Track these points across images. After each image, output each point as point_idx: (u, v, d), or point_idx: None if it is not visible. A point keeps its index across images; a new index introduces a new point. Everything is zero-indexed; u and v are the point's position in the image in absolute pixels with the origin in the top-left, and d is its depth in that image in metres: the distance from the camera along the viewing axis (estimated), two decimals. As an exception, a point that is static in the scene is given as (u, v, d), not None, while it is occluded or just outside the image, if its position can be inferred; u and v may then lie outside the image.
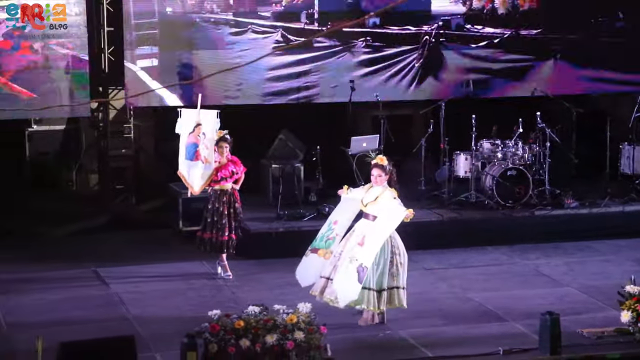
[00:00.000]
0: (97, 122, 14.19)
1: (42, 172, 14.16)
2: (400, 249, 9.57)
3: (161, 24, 13.90)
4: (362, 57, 14.56)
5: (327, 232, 9.67)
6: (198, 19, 14.04)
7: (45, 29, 12.89)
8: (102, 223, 13.46)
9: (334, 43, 14.47)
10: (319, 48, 14.44)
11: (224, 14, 14.13)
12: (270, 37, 14.25)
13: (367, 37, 14.55)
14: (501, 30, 14.93)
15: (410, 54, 14.68)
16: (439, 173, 13.92)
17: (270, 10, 14.29)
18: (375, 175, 9.57)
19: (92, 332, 9.19)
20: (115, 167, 14.07)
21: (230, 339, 8.47)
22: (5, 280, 11.00)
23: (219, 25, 14.14)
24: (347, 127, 14.04)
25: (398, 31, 14.69)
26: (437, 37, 14.74)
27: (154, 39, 13.90)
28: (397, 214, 9.33)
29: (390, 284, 9.46)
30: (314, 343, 8.61)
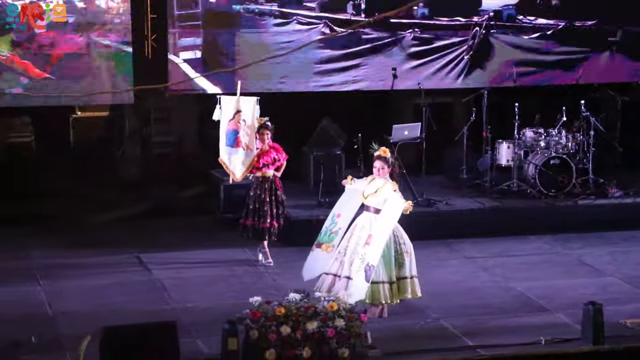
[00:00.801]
0: (140, 109, 14.28)
1: (85, 158, 14.29)
2: (404, 238, 9.52)
3: (204, 15, 13.75)
4: (410, 49, 14.23)
5: (331, 226, 9.62)
6: (242, 10, 13.87)
7: (87, 17, 13.03)
8: (145, 209, 13.56)
9: (381, 35, 14.17)
10: (366, 40, 14.14)
11: (268, 5, 13.96)
12: (315, 29, 14.04)
13: (415, 28, 14.25)
14: (555, 21, 14.53)
15: (460, 46, 14.35)
16: (481, 161, 13.84)
17: (316, 1, 14.06)
18: (377, 167, 9.49)
19: (135, 317, 9.27)
20: (158, 154, 14.16)
21: (271, 326, 8.50)
22: (49, 266, 11.13)
23: (263, 16, 13.94)
24: (388, 114, 14.00)
25: (447, 22, 14.36)
26: (488, 28, 14.39)
27: (197, 30, 13.79)
28: (397, 207, 9.26)
29: (398, 275, 9.41)
30: (355, 331, 8.62)
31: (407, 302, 9.92)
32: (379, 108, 14.28)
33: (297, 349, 8.48)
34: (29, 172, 13.85)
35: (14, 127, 14.02)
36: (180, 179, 14.22)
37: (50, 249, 11.79)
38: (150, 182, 14.16)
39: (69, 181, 13.79)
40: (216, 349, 8.46)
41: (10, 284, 10.53)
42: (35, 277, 10.78)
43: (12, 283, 10.55)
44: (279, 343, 8.46)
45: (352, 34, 14.03)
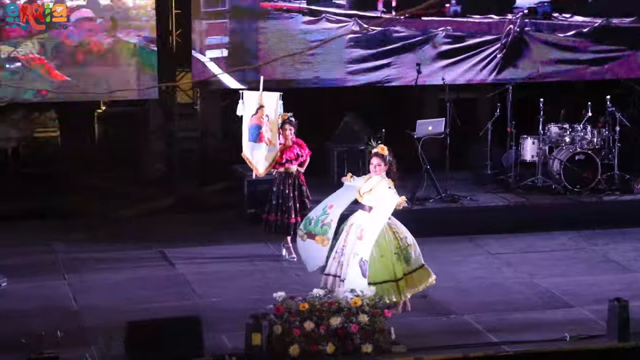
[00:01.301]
0: (164, 104, 14.33)
1: (110, 153, 14.36)
2: (404, 232, 9.44)
3: (232, 12, 13.60)
4: (442, 47, 14.02)
5: (322, 217, 9.52)
6: (270, 7, 13.71)
7: (112, 14, 13.09)
8: (169, 204, 13.61)
9: (413, 33, 13.97)
10: (398, 39, 13.93)
11: (297, 2, 13.76)
12: (345, 27, 13.81)
13: (447, 26, 14.02)
14: (591, 18, 14.22)
15: (493, 44, 14.10)
16: (506, 157, 13.78)
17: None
18: (374, 164, 9.41)
19: (159, 312, 9.31)
20: (182, 149, 14.19)
21: (295, 321, 8.50)
22: (74, 260, 11.19)
23: (291, 14, 13.76)
24: (412, 110, 13.96)
25: (480, 20, 14.11)
26: (522, 26, 14.12)
27: (224, 28, 13.65)
28: (389, 202, 9.21)
29: (406, 269, 9.33)
30: (378, 326, 8.61)
31: (431, 298, 9.91)
32: (402, 103, 14.24)
33: (321, 344, 8.49)
34: (53, 167, 13.94)
35: (39, 122, 14.11)
36: (204, 174, 14.25)
37: (75, 243, 11.85)
38: (174, 177, 14.20)
39: (93, 176, 13.87)
40: (240, 344, 8.47)
41: (36, 277, 10.59)
42: (60, 271, 10.84)
43: (38, 277, 10.61)
44: (303, 338, 8.46)
45: (383, 33, 13.80)
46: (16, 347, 8.19)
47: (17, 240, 11.85)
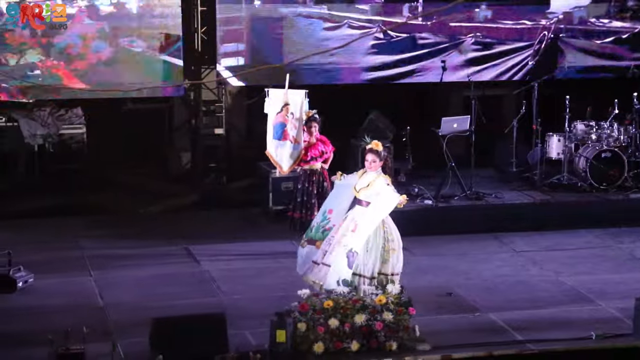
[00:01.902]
0: (189, 101, 14.38)
1: (135, 149, 14.43)
2: (393, 234, 9.25)
3: (248, 18, 13.22)
4: (470, 54, 13.62)
5: (323, 222, 9.40)
6: (289, 13, 13.35)
7: (137, 10, 13.18)
8: (194, 201, 13.65)
9: (440, 40, 13.57)
10: (423, 45, 13.52)
11: (317, 8, 13.35)
12: (368, 33, 13.40)
13: (476, 32, 13.56)
14: (631, 23, 13.71)
15: (524, 50, 13.70)
16: (531, 155, 13.72)
17: (369, 4, 13.41)
18: (369, 160, 9.27)
19: (183, 309, 9.35)
20: (207, 146, 14.23)
21: (319, 319, 8.51)
22: (99, 257, 11.24)
23: (311, 20, 13.35)
24: (437, 107, 13.92)
25: (512, 26, 13.61)
26: (557, 32, 13.63)
27: (240, 34, 13.25)
28: (390, 200, 9.10)
29: (380, 270, 9.18)
30: (403, 324, 8.60)
31: (456, 296, 9.89)
32: (427, 101, 14.21)
33: (345, 342, 8.49)
34: (80, 164, 14.02)
35: (66, 119, 14.19)
36: (229, 171, 14.29)
37: (100, 240, 11.91)
38: (198, 174, 14.25)
39: (119, 173, 13.93)
40: (264, 341, 8.49)
41: (62, 274, 10.65)
42: (86, 267, 10.90)
43: (64, 273, 10.67)
44: (327, 336, 8.46)
45: (407, 39, 13.36)
46: (43, 342, 8.24)
47: (44, 236, 11.93)
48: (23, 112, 13.95)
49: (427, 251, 11.61)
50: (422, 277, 10.62)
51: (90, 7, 12.99)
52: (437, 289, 10.16)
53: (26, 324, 9.18)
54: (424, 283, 10.35)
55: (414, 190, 12.73)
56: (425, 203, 12.51)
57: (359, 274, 9.09)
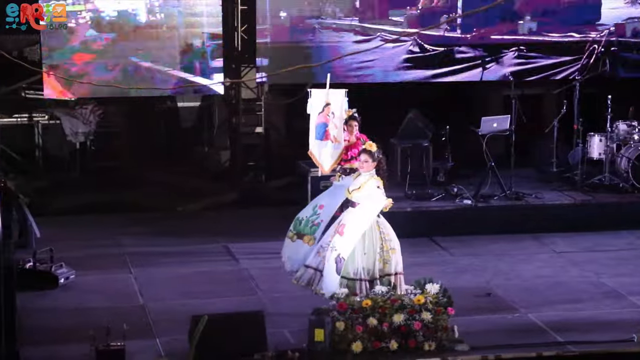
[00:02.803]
0: (229, 99, 14.43)
1: (175, 148, 14.51)
2: (390, 235, 9.23)
3: (274, 31, 12.85)
4: (511, 68, 13.09)
5: (312, 217, 9.42)
6: (317, 25, 12.97)
7: (179, 10, 13.25)
8: (233, 199, 13.70)
9: (480, 54, 13.15)
10: (461, 60, 13.09)
11: (348, 19, 12.88)
12: (402, 46, 12.97)
13: (520, 46, 13.08)
14: None
15: (571, 65, 13.16)
16: (572, 154, 13.61)
17: (404, 15, 12.96)
18: (362, 160, 9.25)
19: (223, 306, 9.39)
20: (246, 144, 14.28)
21: (358, 318, 8.51)
22: (139, 254, 11.32)
23: (341, 32, 12.86)
24: (477, 106, 13.84)
25: (558, 39, 12.98)
26: (607, 45, 12.99)
27: (264, 48, 12.89)
28: (376, 204, 9.06)
29: (382, 272, 9.13)
30: (441, 324, 8.57)
31: (495, 296, 9.84)
32: (467, 100, 14.13)
33: (384, 341, 8.48)
34: (120, 162, 14.12)
35: (106, 116, 14.30)
36: (268, 169, 14.32)
37: (140, 237, 11.99)
38: (238, 172, 14.29)
39: (159, 170, 14.01)
40: (303, 339, 8.50)
41: (103, 270, 10.74)
42: (126, 264, 10.98)
43: (104, 270, 10.77)
44: (366, 335, 8.46)
45: (445, 53, 12.90)
46: (84, 339, 8.32)
47: (85, 234, 12.04)
48: (65, 110, 14.08)
49: (466, 251, 11.56)
50: (460, 277, 10.59)
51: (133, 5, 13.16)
52: (475, 289, 10.12)
53: (68, 320, 9.27)
54: (463, 283, 10.31)
55: (453, 190, 12.69)
56: (464, 203, 12.46)
57: (358, 278, 9.04)
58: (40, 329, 8.98)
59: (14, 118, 13.85)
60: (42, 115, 14.03)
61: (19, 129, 13.77)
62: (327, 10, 12.84)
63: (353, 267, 9.02)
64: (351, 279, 9.01)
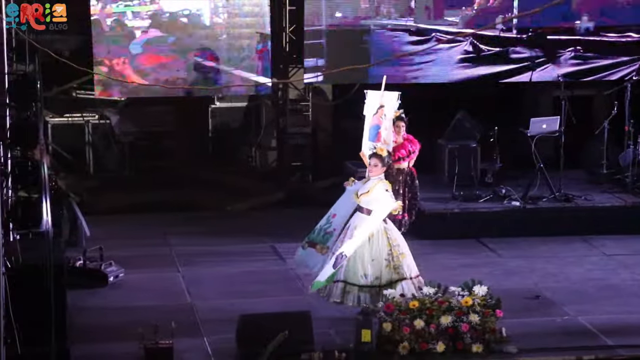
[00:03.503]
0: (277, 99, 14.46)
1: (223, 147, 14.57)
2: (397, 240, 9.21)
3: (329, 32, 12.88)
4: (567, 69, 13.01)
5: (326, 226, 9.38)
6: (372, 25, 13.00)
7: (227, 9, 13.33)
8: (280, 199, 13.72)
9: (535, 54, 13.09)
10: (516, 60, 13.04)
11: (403, 20, 12.93)
12: (458, 47, 13.00)
13: (577, 46, 12.99)
14: None
15: (628, 65, 13.03)
16: (623, 156, 13.44)
17: (459, 15, 12.96)
18: (371, 164, 9.24)
19: (270, 306, 9.43)
20: (294, 145, 14.30)
21: (405, 319, 8.49)
22: (187, 253, 11.39)
23: (396, 33, 12.91)
24: (526, 107, 13.72)
25: (617, 39, 12.86)
26: None
27: (320, 49, 12.95)
28: (383, 207, 9.04)
29: (394, 277, 9.10)
30: (489, 326, 8.53)
31: (544, 299, 9.76)
32: (516, 100, 14.01)
33: (431, 343, 8.46)
34: (169, 161, 14.21)
35: (156, 116, 14.40)
36: (315, 169, 14.33)
37: (188, 236, 12.06)
38: (285, 172, 14.32)
39: (207, 170, 14.09)
40: (350, 340, 8.50)
41: (151, 269, 10.83)
42: (174, 263, 11.06)
43: (153, 268, 10.85)
44: (413, 336, 8.44)
45: (500, 53, 12.89)
46: (132, 336, 8.40)
47: (134, 232, 12.14)
48: (115, 110, 14.21)
49: (514, 253, 11.48)
50: (509, 279, 10.52)
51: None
52: (524, 292, 10.05)
53: (116, 318, 9.36)
54: (511, 285, 10.25)
55: (501, 191, 12.60)
56: (512, 204, 12.36)
57: (370, 285, 9.03)
58: (90, 327, 9.07)
59: (65, 118, 14.01)
60: (93, 114, 14.17)
61: (69, 129, 13.92)
62: (382, 10, 12.94)
63: (362, 272, 9.03)
64: (362, 285, 9.02)
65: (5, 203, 7.97)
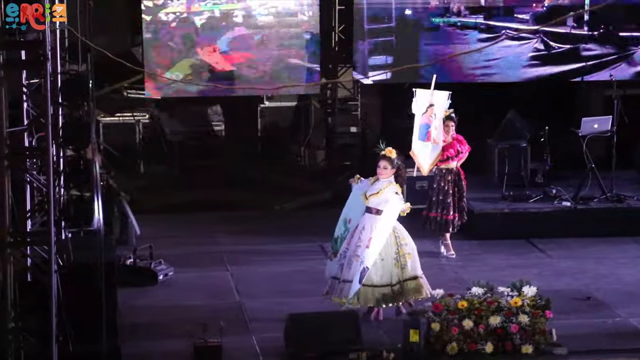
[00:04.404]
0: (325, 99, 14.47)
1: (272, 147, 14.62)
2: (406, 239, 9.16)
3: (398, 29, 12.88)
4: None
5: (345, 234, 9.31)
6: (442, 23, 13.05)
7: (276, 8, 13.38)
8: (328, 198, 13.72)
9: (607, 51, 12.89)
10: (587, 57, 12.88)
11: (473, 17, 12.89)
12: (528, 44, 12.93)
13: None
14: None
15: None
16: (677, 156, 13.25)
17: (530, 12, 12.89)
18: (381, 167, 9.15)
19: (318, 305, 9.41)
20: (342, 144, 14.29)
21: (453, 319, 8.45)
22: (236, 252, 11.44)
23: (466, 30, 12.92)
24: (578, 107, 13.58)
25: None
26: None
27: (389, 47, 12.99)
28: (394, 209, 9.01)
29: (400, 277, 9.05)
30: (539, 327, 8.46)
31: (595, 300, 9.65)
32: (567, 100, 13.87)
33: (480, 343, 8.41)
34: (218, 160, 14.29)
35: (205, 115, 14.49)
36: (363, 169, 14.27)
37: (237, 235, 12.11)
38: (334, 172, 14.32)
39: (256, 169, 14.14)
40: (398, 339, 8.48)
41: (200, 268, 10.90)
42: (223, 262, 11.12)
43: (202, 267, 10.92)
44: (461, 337, 8.40)
45: (571, 50, 12.78)
46: (181, 335, 8.46)
47: (184, 231, 12.22)
48: (165, 109, 14.32)
49: (565, 254, 11.39)
50: (559, 280, 10.43)
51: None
52: (575, 293, 9.96)
53: (166, 316, 9.43)
54: (562, 286, 10.16)
55: (552, 192, 12.49)
56: (563, 205, 12.25)
57: (369, 284, 9.00)
58: (140, 325, 9.15)
59: (116, 117, 14.15)
60: (143, 114, 14.30)
61: (120, 128, 14.06)
62: (452, 7, 12.94)
63: (376, 274, 9.00)
64: (377, 285, 8.99)
65: (57, 201, 8.07)
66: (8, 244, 7.44)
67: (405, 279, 9.12)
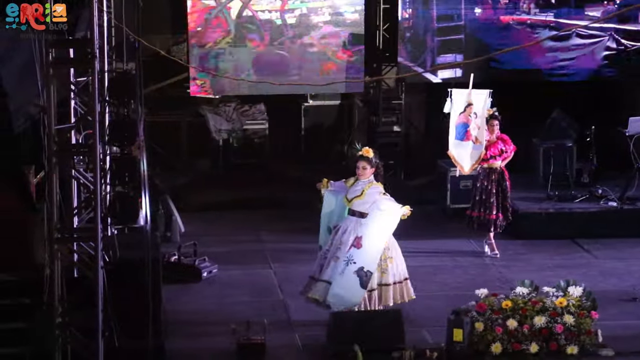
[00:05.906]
0: (369, 98, 14.46)
1: (315, 145, 14.63)
2: (388, 243, 8.94)
3: (467, 28, 12.88)
4: None
5: None
6: (512, 21, 12.96)
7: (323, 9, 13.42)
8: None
9: None
10: None
11: (542, 15, 12.77)
12: (599, 43, 12.79)
13: None
14: None
15: None
16: None
17: (601, 10, 12.71)
18: (360, 167, 8.96)
19: (361, 303, 9.40)
20: (385, 143, 14.26)
21: (497, 319, 8.41)
22: (280, 250, 11.48)
23: (536, 29, 12.81)
24: (625, 106, 13.43)
25: None
26: None
27: (459, 45, 12.99)
28: (396, 215, 8.84)
29: (380, 281, 8.87)
30: (585, 328, 8.40)
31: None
32: (614, 99, 13.73)
33: (524, 343, 8.37)
34: (262, 158, 14.34)
35: (249, 114, 14.54)
36: (407, 168, 14.27)
37: (280, 234, 12.15)
38: (377, 171, 14.28)
39: (299, 167, 14.16)
40: (441, 339, 8.47)
41: (244, 265, 10.95)
42: (266, 260, 11.16)
43: (246, 265, 10.97)
44: (505, 337, 8.37)
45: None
46: (225, 332, 8.51)
47: (228, 229, 12.28)
48: (209, 108, 14.40)
49: (611, 254, 11.28)
50: (605, 281, 10.35)
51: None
52: (621, 294, 9.87)
53: (210, 313, 9.49)
54: (607, 287, 10.08)
55: (598, 192, 12.38)
56: (609, 205, 12.14)
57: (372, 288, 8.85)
58: (184, 322, 9.21)
59: (161, 115, 14.25)
60: (188, 112, 14.38)
61: (165, 126, 14.16)
62: (522, 5, 12.86)
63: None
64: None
65: (103, 199, 8.16)
66: (56, 240, 7.53)
67: (383, 284, 8.94)
